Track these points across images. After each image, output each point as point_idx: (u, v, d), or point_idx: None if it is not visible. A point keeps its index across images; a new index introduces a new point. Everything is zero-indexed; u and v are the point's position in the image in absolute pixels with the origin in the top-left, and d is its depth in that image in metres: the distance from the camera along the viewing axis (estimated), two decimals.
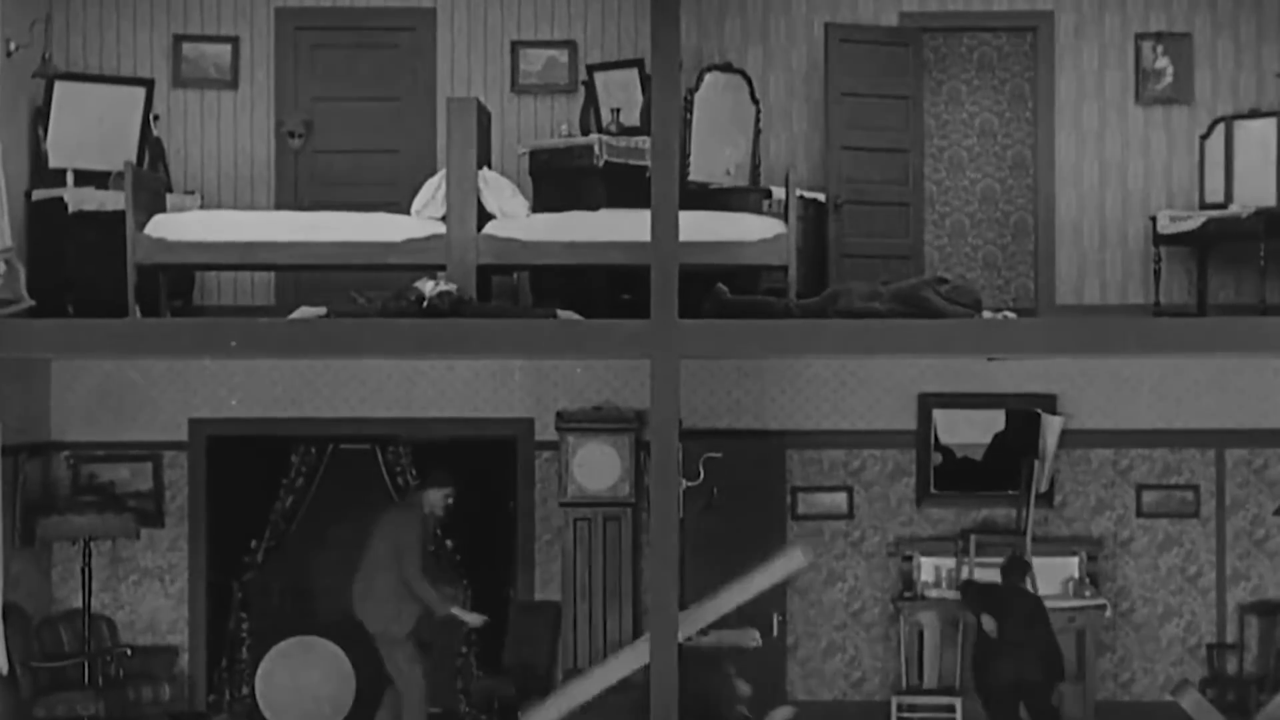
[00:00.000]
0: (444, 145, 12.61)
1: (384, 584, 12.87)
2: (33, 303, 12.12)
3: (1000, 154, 14.79)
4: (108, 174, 13.31)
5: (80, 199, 13.26)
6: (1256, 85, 14.51)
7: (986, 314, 11.70)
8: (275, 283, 14.25)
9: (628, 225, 11.39)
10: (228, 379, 14.26)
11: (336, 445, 14.61)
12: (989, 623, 12.99)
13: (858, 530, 14.50)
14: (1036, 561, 13.97)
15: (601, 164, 12.83)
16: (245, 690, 14.48)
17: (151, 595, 14.39)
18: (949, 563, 14.26)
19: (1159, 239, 14.23)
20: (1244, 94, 14.51)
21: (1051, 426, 14.15)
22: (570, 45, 14.47)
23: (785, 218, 12.19)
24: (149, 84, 14.00)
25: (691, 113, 13.55)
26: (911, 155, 14.35)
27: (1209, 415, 14.35)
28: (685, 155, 13.34)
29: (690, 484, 13.62)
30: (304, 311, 11.63)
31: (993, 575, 13.80)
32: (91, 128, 13.59)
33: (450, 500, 13.19)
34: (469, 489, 14.62)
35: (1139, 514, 14.50)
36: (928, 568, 14.31)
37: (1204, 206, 14.27)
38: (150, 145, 13.89)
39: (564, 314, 11.39)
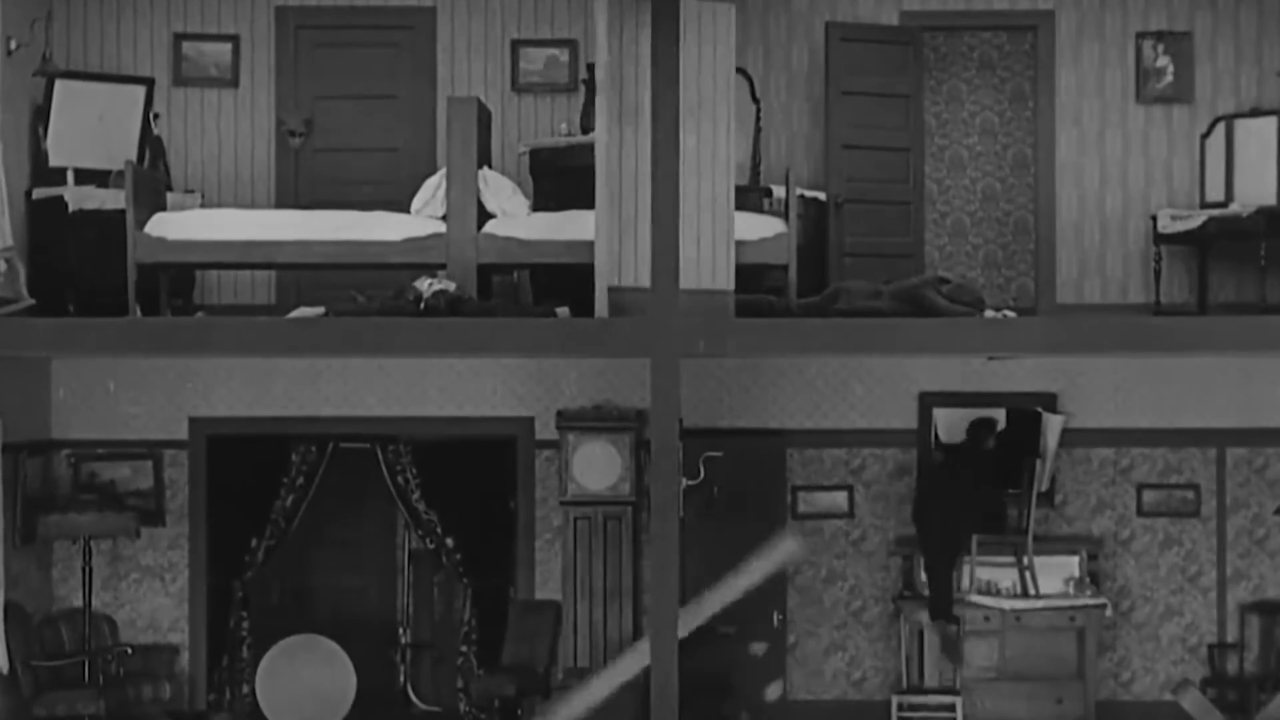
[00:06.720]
0: (444, 144, 12.61)
1: None
2: (33, 301, 12.13)
3: (1001, 153, 14.78)
4: (108, 172, 13.29)
5: (81, 197, 13.24)
6: (1257, 84, 14.49)
7: (988, 313, 11.70)
8: (275, 282, 14.25)
9: None
10: (228, 377, 14.26)
11: (337, 444, 14.60)
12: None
13: (858, 529, 14.49)
14: (1038, 560, 13.98)
15: None
16: (245, 689, 14.48)
17: (152, 594, 14.38)
18: None
19: (1159, 238, 14.22)
20: (1245, 92, 14.49)
21: (1052, 425, 14.13)
22: (570, 44, 14.46)
23: (785, 217, 12.19)
24: (149, 82, 13.98)
25: None
26: (912, 154, 14.33)
27: (1209, 415, 14.34)
28: None
29: (690, 483, 13.62)
30: (304, 311, 11.62)
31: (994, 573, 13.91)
32: (92, 126, 13.57)
33: None
34: (469, 489, 14.66)
35: (1139, 513, 14.48)
36: None
37: (1204, 205, 14.26)
38: (150, 144, 13.88)
39: (563, 313, 11.38)
